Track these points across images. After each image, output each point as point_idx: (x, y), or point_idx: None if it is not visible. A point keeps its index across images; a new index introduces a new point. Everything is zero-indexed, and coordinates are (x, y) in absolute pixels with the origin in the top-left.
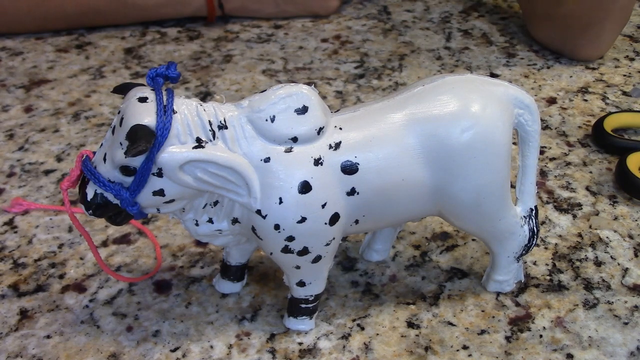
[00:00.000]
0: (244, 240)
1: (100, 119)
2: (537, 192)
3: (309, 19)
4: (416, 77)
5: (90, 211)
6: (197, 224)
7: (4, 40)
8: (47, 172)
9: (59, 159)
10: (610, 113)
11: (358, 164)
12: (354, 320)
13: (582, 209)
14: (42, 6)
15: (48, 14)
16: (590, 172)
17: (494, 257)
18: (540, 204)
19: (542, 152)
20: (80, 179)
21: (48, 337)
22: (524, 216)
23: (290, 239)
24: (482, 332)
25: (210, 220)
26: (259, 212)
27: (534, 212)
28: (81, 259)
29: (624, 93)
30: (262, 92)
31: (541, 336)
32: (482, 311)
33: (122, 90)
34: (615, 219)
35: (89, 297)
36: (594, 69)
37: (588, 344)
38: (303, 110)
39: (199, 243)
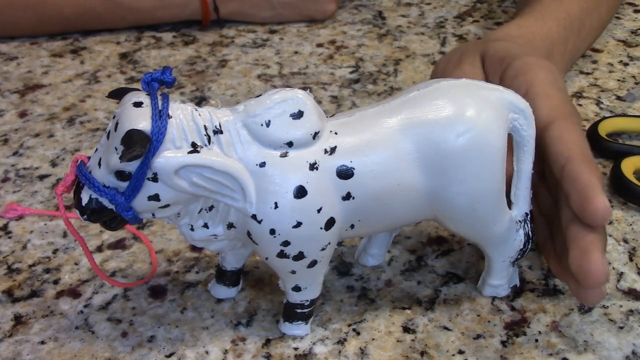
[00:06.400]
0: (239, 245)
1: (95, 124)
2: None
3: (304, 24)
4: (411, 81)
5: (85, 216)
6: (192, 229)
7: None
8: (42, 177)
9: (53, 164)
10: (604, 118)
11: (353, 168)
12: (349, 325)
13: None
14: (39, 8)
15: (44, 16)
16: None
17: (489, 261)
18: None
19: None
20: (75, 184)
21: (42, 342)
22: (519, 220)
23: (286, 243)
24: (478, 336)
25: (206, 225)
26: (254, 216)
27: (529, 216)
28: (76, 264)
29: (618, 98)
30: (257, 96)
31: (537, 340)
32: (478, 315)
33: (117, 95)
34: (610, 223)
35: (84, 303)
36: (588, 73)
37: (583, 348)
38: (298, 114)
39: (194, 248)
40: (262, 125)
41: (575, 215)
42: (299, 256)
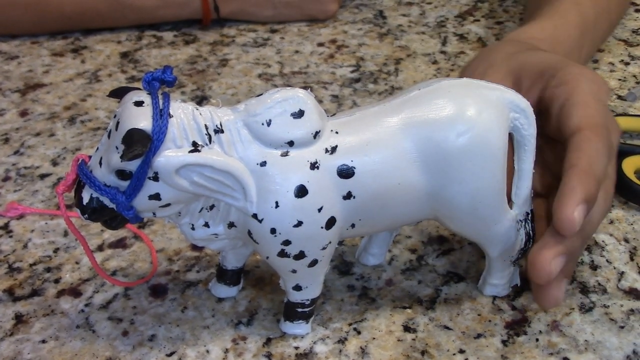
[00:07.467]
0: (240, 244)
1: (96, 123)
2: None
3: (305, 23)
4: (412, 81)
5: (86, 215)
6: (193, 228)
7: None
8: (43, 176)
9: (54, 163)
10: None
11: (354, 167)
12: (350, 325)
13: None
14: (40, 6)
15: (45, 14)
16: None
17: (490, 260)
18: None
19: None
20: (76, 183)
21: (43, 341)
22: (520, 220)
23: (287, 242)
24: (479, 335)
25: (207, 224)
26: (255, 216)
27: (529, 215)
28: (77, 263)
29: (619, 97)
30: (258, 96)
31: (537, 340)
32: (479, 315)
33: (118, 94)
34: (611, 222)
35: (85, 302)
36: None
37: (584, 347)
38: (299, 114)
39: (194, 247)
40: (262, 124)
41: None
42: (300, 255)
